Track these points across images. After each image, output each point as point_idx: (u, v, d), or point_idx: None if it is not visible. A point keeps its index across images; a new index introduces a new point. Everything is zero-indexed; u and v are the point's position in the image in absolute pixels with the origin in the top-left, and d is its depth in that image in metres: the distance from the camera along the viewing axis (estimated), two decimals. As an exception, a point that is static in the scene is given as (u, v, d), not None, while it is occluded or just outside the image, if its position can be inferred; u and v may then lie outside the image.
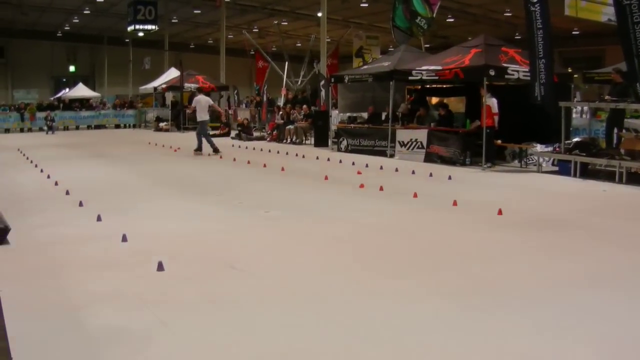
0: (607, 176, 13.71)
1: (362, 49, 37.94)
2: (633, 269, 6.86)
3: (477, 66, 16.25)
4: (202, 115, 20.33)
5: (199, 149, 20.12)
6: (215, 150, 19.82)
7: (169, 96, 37.15)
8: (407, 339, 4.87)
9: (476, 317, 5.33)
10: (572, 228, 9.04)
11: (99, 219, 9.38)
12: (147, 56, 48.83)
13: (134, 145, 24.29)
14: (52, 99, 45.52)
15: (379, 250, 7.72)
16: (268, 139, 26.34)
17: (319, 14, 31.15)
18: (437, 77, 17.66)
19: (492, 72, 15.87)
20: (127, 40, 50.09)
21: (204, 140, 20.11)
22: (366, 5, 36.33)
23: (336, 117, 22.82)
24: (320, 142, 22.95)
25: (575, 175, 14.15)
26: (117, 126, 38.97)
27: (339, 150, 20.85)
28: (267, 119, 30.35)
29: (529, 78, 15.18)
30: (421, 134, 17.99)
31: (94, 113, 39.23)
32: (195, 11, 42.22)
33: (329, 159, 18.48)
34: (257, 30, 44.68)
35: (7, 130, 34.88)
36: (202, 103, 20.56)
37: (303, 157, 19.41)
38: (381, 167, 16.21)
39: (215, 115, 26.10)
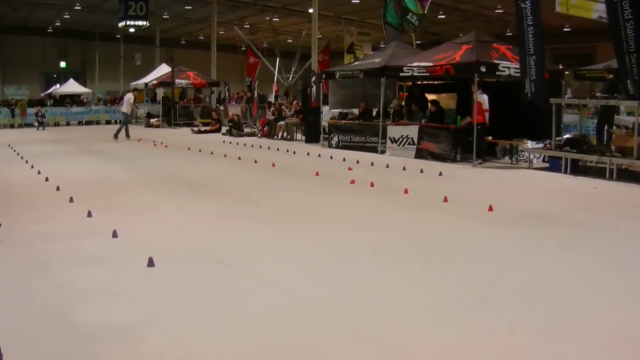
0: (598, 173, 13.74)
1: (353, 45, 37.96)
2: (624, 265, 6.89)
3: (468, 62, 16.26)
4: (126, 109, 26.01)
5: (126, 135, 24.90)
6: (115, 136, 24.65)
7: (160, 92, 37.06)
8: (397, 335, 4.88)
9: (465, 314, 5.35)
10: (563, 224, 9.06)
11: (89, 214, 9.35)
12: (138, 52, 48.69)
13: (124, 142, 24.20)
14: (42, 94, 45.31)
15: (369, 246, 7.73)
16: (259, 135, 26.33)
17: (310, 10, 31.10)
18: (428, 74, 17.68)
19: (483, 69, 15.88)
20: (118, 36, 49.94)
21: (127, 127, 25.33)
22: (357, 1, 36.28)
23: (327, 113, 22.81)
24: (311, 138, 22.93)
25: (565, 172, 14.19)
26: (108, 122, 38.79)
27: (330, 146, 20.84)
28: (258, 115, 30.32)
29: (519, 74, 15.21)
30: (412, 130, 18.00)
31: (84, 109, 39.08)
32: (187, 7, 42.05)
33: (319, 155, 18.48)
34: (248, 26, 44.50)
35: (-3, 126, 34.78)
36: (126, 99, 26.43)
37: (294, 153, 19.41)
38: (372, 163, 16.21)
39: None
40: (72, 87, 44.74)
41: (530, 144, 16.03)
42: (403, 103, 20.66)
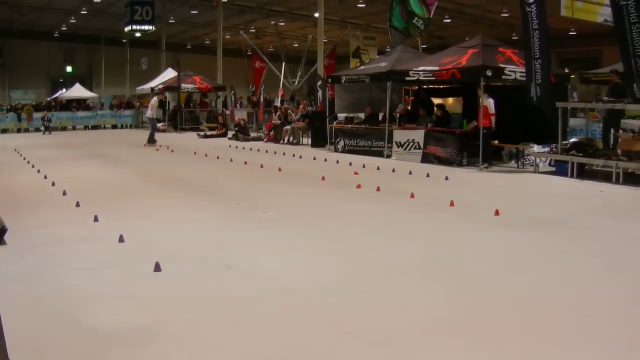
0: (604, 177, 13.71)
1: (359, 50, 37.96)
2: (629, 269, 6.87)
3: (475, 67, 16.26)
4: (152, 114, 25.91)
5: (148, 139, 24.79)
6: (152, 142, 24.43)
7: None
8: (403, 340, 4.87)
9: (471, 318, 5.34)
10: (569, 229, 9.05)
11: (96, 219, 9.38)
12: (144, 57, 48.75)
13: (131, 146, 24.26)
14: (49, 99, 45.42)
15: (376, 251, 7.73)
16: (265, 140, 26.35)
17: (317, 15, 31.10)
18: (434, 78, 17.67)
19: (489, 73, 15.87)
20: (124, 40, 50.03)
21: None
22: (363, 6, 36.31)
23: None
24: (318, 142, 22.93)
25: (572, 176, 14.16)
26: (115, 127, 38.92)
27: (336, 151, 20.85)
28: (265, 119, 30.34)
29: (526, 79, 15.19)
30: (418, 135, 17.99)
31: (91, 114, 39.21)
32: (193, 12, 42.16)
33: (326, 160, 18.48)
34: (254, 31, 44.62)
35: (4, 131, 34.82)
36: (150, 104, 26.40)
37: (300, 157, 19.41)
38: (378, 168, 16.20)
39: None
40: (78, 91, 44.89)
41: (536, 148, 16.03)
42: (409, 107, 20.65)
